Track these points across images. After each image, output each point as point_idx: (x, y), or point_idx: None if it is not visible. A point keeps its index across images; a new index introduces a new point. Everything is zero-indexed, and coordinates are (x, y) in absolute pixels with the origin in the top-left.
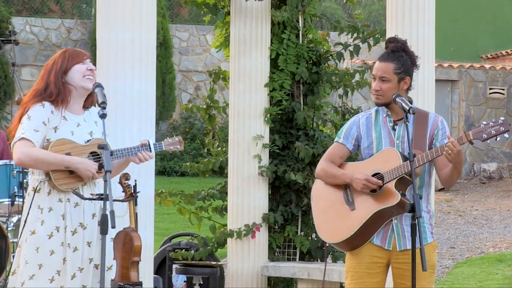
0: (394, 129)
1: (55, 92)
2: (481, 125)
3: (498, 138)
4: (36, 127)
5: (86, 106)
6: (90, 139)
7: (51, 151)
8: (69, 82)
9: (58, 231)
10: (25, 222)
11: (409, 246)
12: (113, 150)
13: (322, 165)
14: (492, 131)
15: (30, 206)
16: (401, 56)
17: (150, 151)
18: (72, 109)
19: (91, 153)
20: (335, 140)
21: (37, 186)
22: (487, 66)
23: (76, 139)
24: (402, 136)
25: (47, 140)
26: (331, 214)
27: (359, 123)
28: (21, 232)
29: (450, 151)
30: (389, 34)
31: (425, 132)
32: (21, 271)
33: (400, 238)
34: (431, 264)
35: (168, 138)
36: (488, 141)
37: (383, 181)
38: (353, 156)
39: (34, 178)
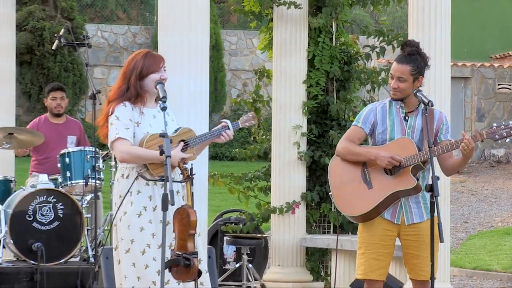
0: (406, 120)
1: (134, 94)
2: (494, 126)
3: (508, 140)
4: (126, 125)
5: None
6: (178, 129)
7: (146, 145)
8: (145, 87)
9: (146, 210)
10: (120, 204)
11: (415, 220)
12: (198, 135)
13: (343, 144)
14: (504, 133)
15: (122, 191)
16: (416, 59)
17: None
18: (147, 104)
19: (180, 141)
20: (353, 123)
21: (126, 173)
22: (495, 65)
23: (154, 129)
24: (413, 126)
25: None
26: (349, 190)
27: (376, 110)
28: (115, 213)
29: (466, 147)
30: (410, 38)
31: (432, 126)
32: (119, 247)
33: (408, 214)
34: (435, 235)
35: (243, 116)
36: (500, 142)
37: (400, 166)
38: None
39: (122, 166)
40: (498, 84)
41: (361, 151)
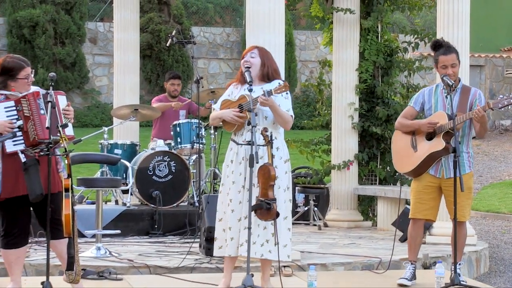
0: (446, 98)
1: (236, 77)
2: (499, 97)
3: (510, 107)
4: (223, 98)
5: (266, 80)
6: (241, 96)
7: (221, 107)
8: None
9: (232, 162)
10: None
11: (452, 175)
12: (248, 101)
13: (399, 120)
14: (505, 102)
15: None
16: (454, 49)
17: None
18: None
19: (239, 105)
20: (408, 104)
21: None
22: (504, 55)
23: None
24: (451, 102)
25: None
26: (402, 154)
27: (424, 93)
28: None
29: (476, 115)
30: (438, 35)
31: (466, 101)
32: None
33: (447, 170)
34: (469, 187)
35: (277, 86)
36: (503, 109)
37: (435, 132)
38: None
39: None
40: (506, 71)
41: (408, 123)
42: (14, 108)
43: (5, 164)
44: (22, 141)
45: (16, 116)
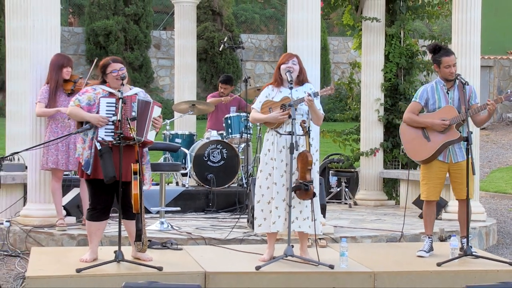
0: (447, 93)
1: (274, 80)
2: (509, 91)
3: None
4: (260, 100)
5: (299, 84)
6: (283, 97)
7: (263, 106)
8: (280, 74)
9: (269, 151)
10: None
11: (459, 159)
12: (291, 101)
13: (408, 115)
14: None
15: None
16: (452, 51)
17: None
18: (286, 85)
19: (282, 105)
20: (413, 100)
21: (267, 129)
22: (511, 57)
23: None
24: (453, 97)
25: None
26: (415, 144)
27: (427, 89)
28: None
29: (491, 107)
30: (453, 41)
31: (465, 95)
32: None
33: (454, 155)
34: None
35: (324, 87)
36: None
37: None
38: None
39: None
40: None
41: (420, 120)
42: (114, 105)
43: (96, 149)
44: (112, 134)
45: (113, 112)
